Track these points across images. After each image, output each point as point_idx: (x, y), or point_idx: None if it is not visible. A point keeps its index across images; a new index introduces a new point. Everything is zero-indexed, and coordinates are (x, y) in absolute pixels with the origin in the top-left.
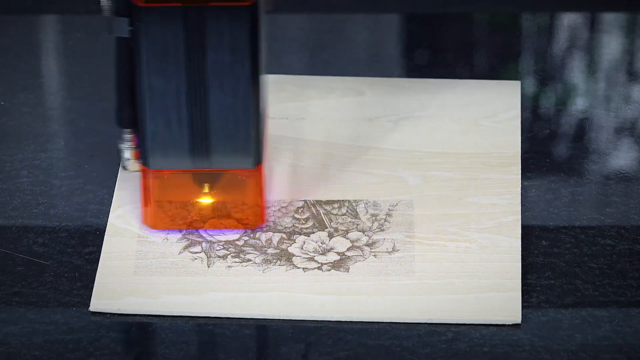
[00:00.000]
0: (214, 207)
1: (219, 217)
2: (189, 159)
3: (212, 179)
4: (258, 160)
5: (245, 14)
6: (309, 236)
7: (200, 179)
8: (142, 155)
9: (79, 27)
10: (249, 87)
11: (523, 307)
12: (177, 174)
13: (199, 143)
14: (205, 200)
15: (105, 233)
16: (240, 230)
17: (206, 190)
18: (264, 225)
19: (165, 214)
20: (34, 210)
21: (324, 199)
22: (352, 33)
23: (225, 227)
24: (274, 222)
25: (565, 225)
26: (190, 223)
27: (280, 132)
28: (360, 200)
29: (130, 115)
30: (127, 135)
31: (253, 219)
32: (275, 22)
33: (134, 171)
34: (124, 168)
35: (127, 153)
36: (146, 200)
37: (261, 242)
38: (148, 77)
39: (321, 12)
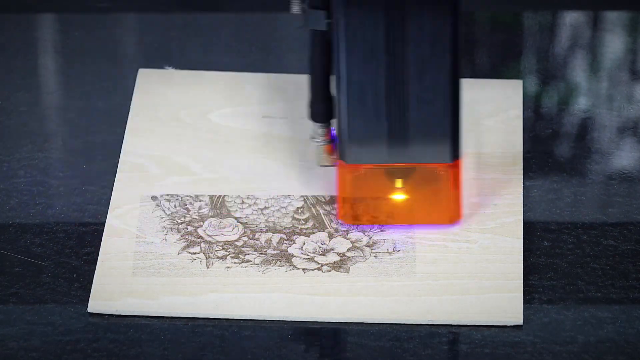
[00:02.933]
0: (407, 203)
1: (413, 214)
2: (386, 153)
3: (405, 174)
4: (456, 155)
5: (447, 7)
6: (308, 237)
7: (394, 174)
8: (339, 150)
9: (77, 26)
10: (449, 81)
11: (525, 308)
12: (372, 169)
13: (397, 137)
14: (400, 195)
15: (104, 233)
16: (435, 226)
17: (399, 185)
18: (460, 222)
19: (361, 209)
20: (31, 211)
21: (324, 195)
22: None
23: (420, 224)
24: (274, 223)
25: (568, 226)
26: (384, 219)
27: (280, 131)
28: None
29: (324, 110)
30: (320, 130)
31: (450, 215)
32: (275, 21)
33: (328, 166)
34: (318, 163)
35: (321, 148)
36: (342, 196)
37: (260, 243)
38: (347, 70)
39: None
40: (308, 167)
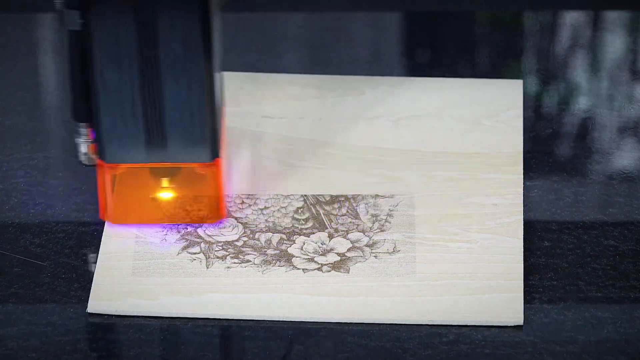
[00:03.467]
0: (173, 202)
1: (178, 212)
2: (145, 153)
3: (170, 174)
4: (215, 154)
5: (196, 7)
6: (308, 237)
7: (159, 173)
8: (99, 149)
9: None
10: (202, 81)
11: (525, 308)
12: (134, 169)
13: (155, 137)
14: (164, 194)
15: (103, 234)
16: (201, 224)
17: (165, 184)
18: (224, 220)
19: (124, 209)
20: (31, 211)
21: (324, 195)
22: (353, 31)
23: (185, 222)
24: (274, 223)
25: (568, 226)
26: (149, 218)
27: (279, 131)
28: (361, 201)
29: (85, 109)
30: (83, 130)
31: (213, 213)
32: (275, 20)
33: (91, 165)
34: (81, 163)
35: (84, 147)
36: (104, 195)
37: (260, 243)
38: (101, 71)
39: (321, 10)
40: (308, 167)
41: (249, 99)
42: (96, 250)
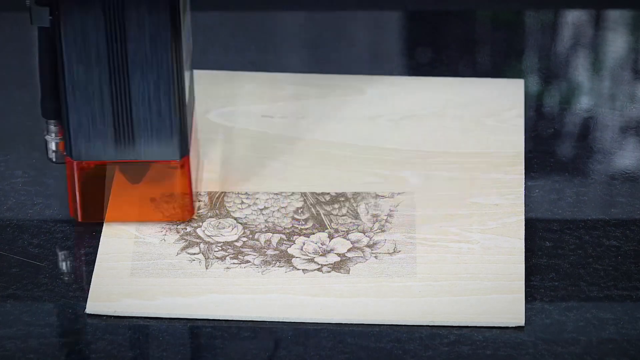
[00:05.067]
0: (141, 199)
1: (147, 210)
2: (113, 150)
3: (139, 171)
4: (184, 152)
5: (164, 4)
6: (308, 237)
7: (127, 170)
8: (67, 147)
9: None
10: (170, 78)
11: (526, 309)
12: (103, 166)
13: (123, 134)
14: (133, 192)
15: (102, 234)
16: (170, 222)
17: (134, 182)
18: (192, 218)
19: (93, 207)
20: (29, 211)
21: (324, 195)
22: (353, 30)
23: (153, 220)
24: (273, 223)
25: (570, 226)
26: (118, 215)
27: (279, 131)
28: (361, 201)
29: (54, 106)
30: (53, 127)
31: (181, 212)
32: (275, 19)
33: (60, 163)
34: (50, 160)
35: (53, 144)
36: (72, 193)
37: (260, 243)
38: (69, 68)
39: (321, 9)
40: (308, 167)
41: (249, 98)
42: (95, 250)
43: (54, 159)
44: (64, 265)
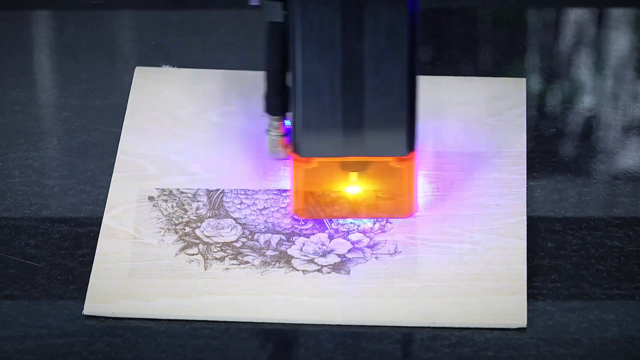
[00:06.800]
0: (361, 196)
1: (366, 207)
2: (340, 147)
3: (361, 167)
4: (411, 147)
5: (403, 0)
6: (308, 237)
7: (349, 167)
8: (293, 143)
9: (72, 23)
10: (405, 74)
11: (528, 310)
12: (326, 163)
13: (352, 130)
14: (354, 189)
15: (100, 234)
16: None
17: (354, 178)
18: (415, 214)
19: (315, 203)
20: (26, 211)
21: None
22: None
23: (372, 217)
24: (273, 223)
25: (572, 227)
26: (339, 212)
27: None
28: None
29: (279, 103)
30: (276, 123)
31: (404, 208)
32: None
33: (283, 159)
34: (273, 156)
35: (275, 141)
36: (296, 189)
37: (259, 244)
38: (303, 63)
39: None
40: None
41: (248, 97)
42: (92, 251)
43: (274, 156)
44: (61, 266)
